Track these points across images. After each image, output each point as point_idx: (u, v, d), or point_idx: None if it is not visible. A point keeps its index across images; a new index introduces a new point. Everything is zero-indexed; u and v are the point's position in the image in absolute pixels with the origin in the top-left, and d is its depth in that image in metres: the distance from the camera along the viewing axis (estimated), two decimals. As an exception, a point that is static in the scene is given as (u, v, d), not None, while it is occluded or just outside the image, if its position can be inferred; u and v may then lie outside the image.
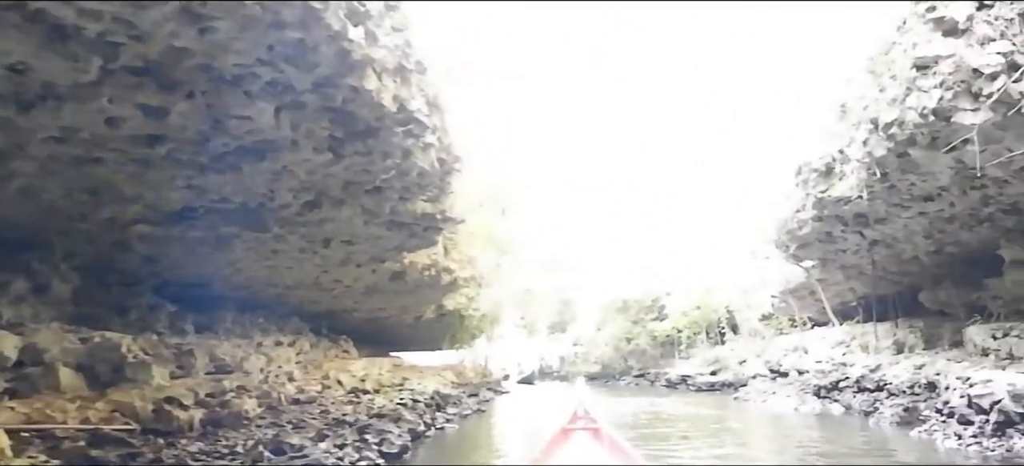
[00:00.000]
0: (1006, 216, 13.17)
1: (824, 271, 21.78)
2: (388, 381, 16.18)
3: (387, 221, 13.88)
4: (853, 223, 15.60)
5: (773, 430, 15.15)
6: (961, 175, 11.39)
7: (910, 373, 14.52)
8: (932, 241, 15.59)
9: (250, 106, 7.99)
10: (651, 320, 35.86)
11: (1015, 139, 9.61)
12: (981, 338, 13.86)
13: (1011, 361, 12.47)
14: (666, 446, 12.72)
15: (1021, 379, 10.18)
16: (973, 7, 9.48)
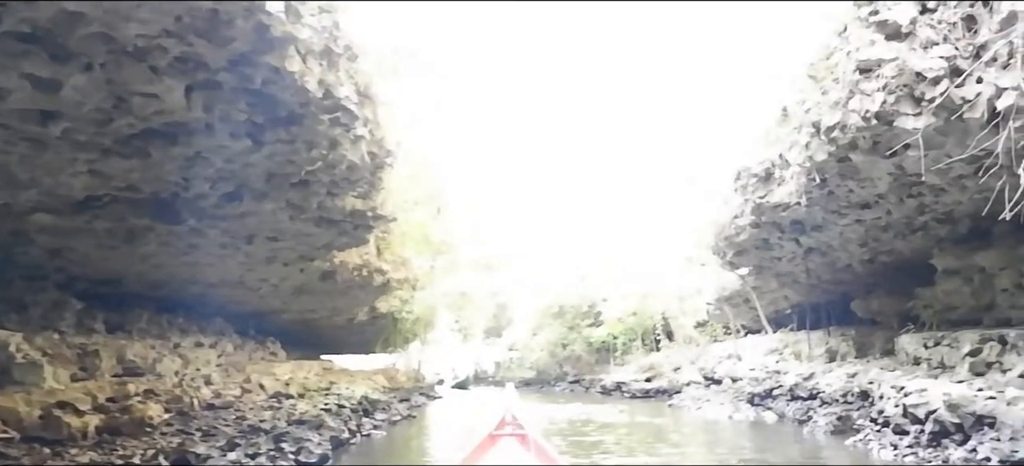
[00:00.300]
0: (940, 225, 13.19)
1: (759, 279, 21.81)
2: (314, 385, 15.44)
3: (315, 217, 13.18)
4: (790, 230, 15.50)
5: (708, 437, 14.94)
6: (899, 182, 11.29)
7: (843, 381, 14.47)
8: (867, 249, 15.62)
9: (156, 82, 7.27)
10: (587, 326, 35.64)
11: (955, 145, 9.49)
12: (913, 347, 13.87)
13: (943, 370, 12.46)
14: (600, 455, 12.33)
15: (956, 389, 10.08)
16: (916, 10, 9.33)
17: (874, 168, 10.70)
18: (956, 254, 13.35)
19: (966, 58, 8.95)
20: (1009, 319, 12.22)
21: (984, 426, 9.17)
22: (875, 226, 13.84)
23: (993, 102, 8.59)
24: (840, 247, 15.86)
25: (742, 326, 26.55)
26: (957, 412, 9.48)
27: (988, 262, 12.60)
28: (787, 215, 14.21)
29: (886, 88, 9.43)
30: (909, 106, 9.40)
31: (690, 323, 28.88)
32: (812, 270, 18.06)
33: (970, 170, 10.34)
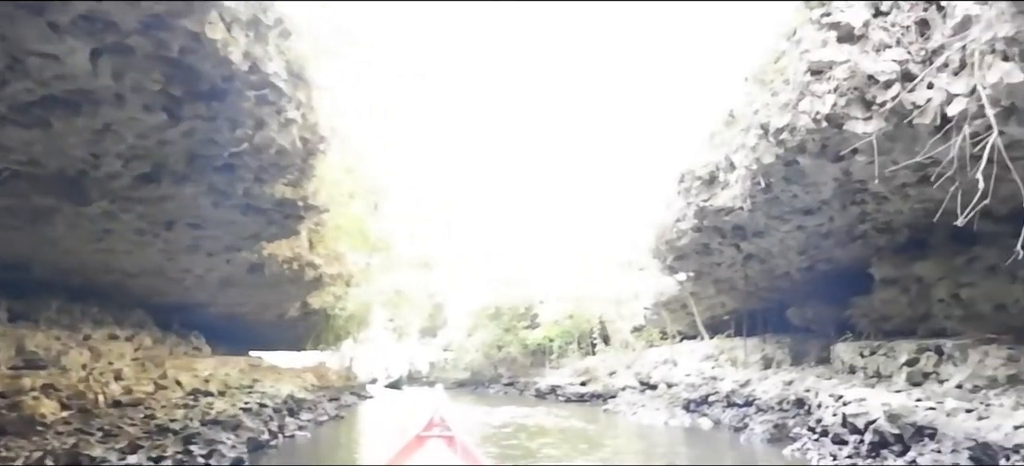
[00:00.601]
0: (879, 234, 13.15)
1: (697, 284, 21.71)
2: (237, 382, 14.59)
3: (241, 204, 12.41)
4: (731, 235, 15.33)
5: (643, 443, 14.64)
6: (843, 188, 11.14)
7: (779, 389, 14.32)
8: (806, 257, 15.55)
9: (58, 43, 6.51)
10: (523, 328, 35.21)
11: (902, 152, 9.32)
12: (849, 355, 13.82)
13: (879, 379, 12.39)
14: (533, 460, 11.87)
15: (895, 399, 9.94)
16: (869, 12, 9.14)
17: (821, 172, 10.49)
18: (894, 264, 13.32)
19: (918, 63, 8.79)
20: (944, 329, 12.21)
21: (924, 437, 9.01)
22: (816, 233, 13.73)
23: (943, 108, 8.43)
24: (780, 254, 15.76)
25: (678, 332, 26.48)
26: (897, 423, 9.30)
27: (925, 272, 12.58)
28: (730, 219, 14.01)
29: (837, 90, 9.22)
30: (859, 109, 9.20)
31: (627, 328, 28.70)
32: (750, 277, 17.98)
33: (914, 178, 10.24)
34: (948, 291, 11.88)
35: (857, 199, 11.49)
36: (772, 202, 12.69)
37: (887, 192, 10.83)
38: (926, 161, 9.53)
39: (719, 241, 16.00)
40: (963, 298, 11.66)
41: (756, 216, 13.52)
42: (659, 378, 22.55)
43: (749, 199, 12.45)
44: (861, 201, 11.57)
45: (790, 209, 12.79)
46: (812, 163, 10.22)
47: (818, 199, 11.92)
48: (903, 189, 10.68)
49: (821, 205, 12.15)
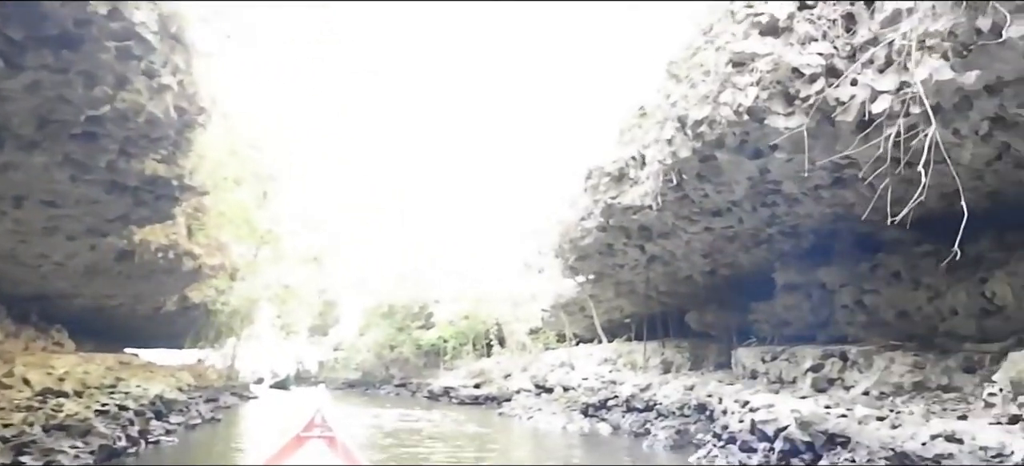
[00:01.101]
0: (785, 239, 12.94)
1: (597, 286, 21.30)
2: (98, 381, 12.98)
3: (105, 181, 10.97)
4: (636, 236, 14.88)
5: (540, 451, 13.96)
6: (756, 189, 10.77)
7: (681, 394, 13.94)
8: (709, 260, 15.28)
9: None
10: (417, 328, 34.16)
11: (822, 150, 8.95)
12: (750, 360, 13.55)
13: (781, 384, 12.13)
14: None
15: (804, 405, 9.57)
16: (795, 5, 8.74)
17: (737, 170, 10.06)
18: (798, 269, 13.15)
19: (843, 58, 8.44)
20: (846, 336, 12.07)
21: (836, 445, 8.64)
22: (723, 236, 13.42)
23: (868, 106, 8.08)
24: (684, 257, 15.43)
25: (575, 335, 26.10)
26: (808, 430, 8.92)
27: (829, 278, 12.43)
28: (637, 219, 13.51)
29: (759, 83, 8.77)
30: (782, 104, 8.79)
31: (523, 329, 28.11)
32: (652, 280, 17.65)
33: (829, 179, 9.95)
34: (852, 297, 11.74)
35: (768, 201, 11.16)
36: (682, 201, 12.25)
37: (800, 193, 10.52)
38: (843, 161, 9.26)
39: (624, 242, 15.54)
40: (867, 304, 11.53)
41: (664, 216, 13.08)
42: (555, 381, 22.00)
43: (659, 197, 11.95)
44: (772, 203, 11.25)
45: (700, 210, 12.40)
46: (729, 159, 9.76)
47: (729, 199, 11.54)
48: (816, 191, 10.39)
49: (731, 206, 11.79)
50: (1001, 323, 9.52)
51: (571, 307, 23.97)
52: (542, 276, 28.04)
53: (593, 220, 15.28)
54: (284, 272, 30.93)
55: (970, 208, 10.53)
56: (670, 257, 15.81)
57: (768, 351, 13.24)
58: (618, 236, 15.38)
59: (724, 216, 12.33)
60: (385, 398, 31.85)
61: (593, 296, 22.02)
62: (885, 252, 11.38)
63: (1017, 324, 9.26)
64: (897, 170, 9.00)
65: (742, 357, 13.81)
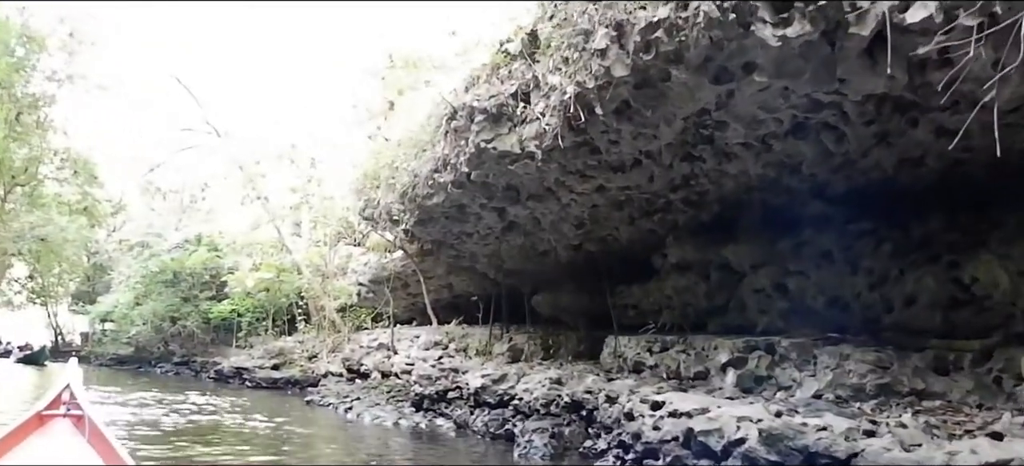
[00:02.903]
0: (685, 208, 10.60)
1: (430, 260, 18.21)
2: None
3: None
4: (500, 196, 11.96)
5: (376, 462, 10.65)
6: (688, 134, 8.26)
7: (545, 388, 11.20)
8: (581, 232, 12.69)
9: None
10: (206, 299, 29.06)
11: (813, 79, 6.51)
12: (633, 351, 11.11)
13: (680, 380, 9.76)
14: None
15: (752, 410, 7.11)
16: None
17: (686, 99, 7.40)
18: (696, 245, 10.86)
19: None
20: (755, 325, 9.92)
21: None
22: (612, 201, 10.86)
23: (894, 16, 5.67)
24: (551, 226, 12.74)
25: (393, 315, 22.79)
26: (777, 446, 6.43)
27: (736, 257, 10.22)
28: (514, 170, 10.56)
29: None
30: (774, 8, 6.21)
31: (334, 306, 24.26)
32: (502, 252, 14.84)
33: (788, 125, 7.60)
34: (770, 280, 9.56)
35: (695, 152, 8.69)
36: (579, 150, 9.49)
37: (743, 142, 8.11)
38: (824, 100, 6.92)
39: (482, 203, 12.57)
40: (789, 289, 9.38)
41: (547, 170, 10.27)
42: (372, 366, 18.69)
43: (557, 137, 9.08)
44: (698, 156, 8.80)
45: (598, 163, 9.71)
46: (685, 80, 7.06)
47: (646, 148, 8.95)
48: (765, 143, 8.02)
49: (644, 158, 9.21)
50: (972, 316, 7.60)
51: (394, 283, 20.62)
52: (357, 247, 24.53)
53: (449, 173, 12.14)
54: (41, 221, 24.77)
55: (913, 183, 8.77)
56: (533, 226, 13.05)
57: (655, 341, 10.85)
58: (476, 195, 12.37)
59: (628, 172, 9.72)
60: (161, 378, 26.69)
61: (423, 270, 18.87)
62: (813, 229, 9.28)
63: (997, 317, 7.37)
64: (907, 113, 6.83)
65: (625, 347, 11.34)
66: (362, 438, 11.99)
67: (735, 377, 8.53)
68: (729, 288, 10.51)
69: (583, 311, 14.65)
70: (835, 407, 7.14)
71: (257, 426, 12.99)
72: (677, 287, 11.07)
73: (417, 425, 12.80)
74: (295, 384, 21.67)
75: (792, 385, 8.02)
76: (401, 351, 18.31)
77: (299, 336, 25.49)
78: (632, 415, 8.48)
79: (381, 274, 20.94)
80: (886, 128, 7.21)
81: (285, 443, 11.35)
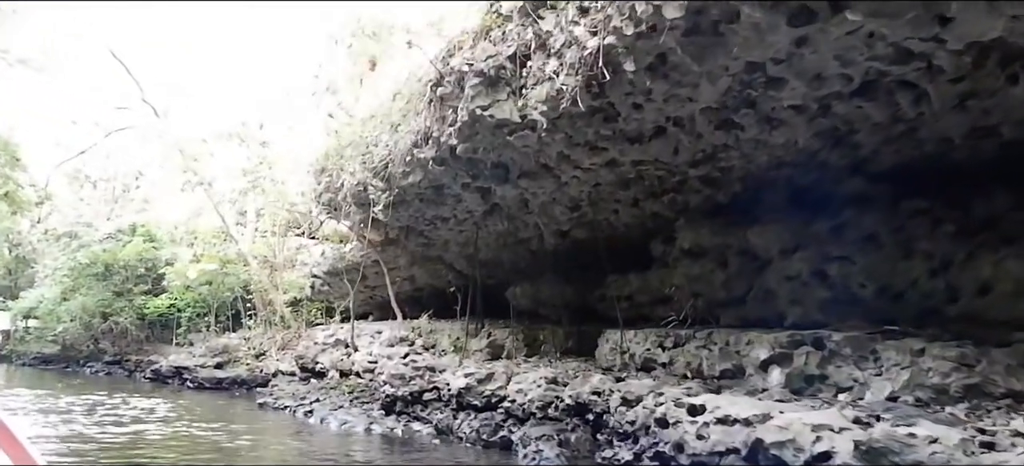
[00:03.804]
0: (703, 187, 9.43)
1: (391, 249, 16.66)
2: None
3: None
4: (487, 175, 10.57)
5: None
6: (734, 93, 7.00)
7: (540, 389, 9.85)
8: (574, 216, 11.41)
9: None
10: (141, 293, 26.68)
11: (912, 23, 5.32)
12: (642, 347, 9.84)
13: (704, 380, 8.53)
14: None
15: (829, 417, 5.89)
16: None
17: (753, 46, 6.12)
18: (713, 228, 9.66)
19: None
20: (782, 316, 8.76)
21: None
22: (619, 179, 9.59)
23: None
24: (540, 209, 11.42)
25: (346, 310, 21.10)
26: (880, 463, 5.22)
27: (762, 241, 9.05)
28: (513, 141, 9.16)
29: None
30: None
31: (283, 300, 22.35)
32: (479, 240, 13.44)
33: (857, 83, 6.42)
34: (809, 266, 8.38)
35: (738, 119, 7.45)
36: (592, 118, 8.18)
37: (799, 104, 6.91)
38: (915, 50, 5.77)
39: (466, 182, 11.15)
40: (830, 276, 8.22)
41: (550, 141, 8.93)
42: (329, 364, 17.04)
43: (571, 100, 7.72)
44: (737, 124, 7.57)
45: (613, 132, 8.40)
46: (756, 22, 5.78)
47: (676, 114, 7.67)
48: (824, 104, 6.84)
49: (671, 126, 7.94)
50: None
51: (352, 274, 18.94)
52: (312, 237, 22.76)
53: (431, 148, 10.67)
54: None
55: (971, 157, 7.74)
56: (519, 209, 11.71)
57: (667, 335, 9.60)
58: (459, 174, 10.95)
59: (647, 144, 8.45)
60: (90, 379, 24.30)
61: (384, 261, 17.30)
62: (854, 209, 8.16)
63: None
64: (1009, 67, 5.71)
65: (631, 342, 10.06)
66: (331, 447, 10.42)
67: (783, 376, 7.31)
68: (749, 276, 9.34)
69: (566, 304, 13.36)
70: (923, 411, 5.99)
71: (206, 434, 11.28)
72: (690, 275, 9.85)
73: (392, 430, 11.28)
74: (242, 384, 19.78)
75: (853, 385, 6.85)
76: (362, 348, 16.69)
77: (244, 332, 23.47)
78: (665, 421, 7.19)
79: (338, 265, 19.25)
80: (976, 86, 6.12)
81: (242, 455, 9.72)
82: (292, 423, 12.83)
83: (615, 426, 8.39)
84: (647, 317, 10.98)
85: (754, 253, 9.18)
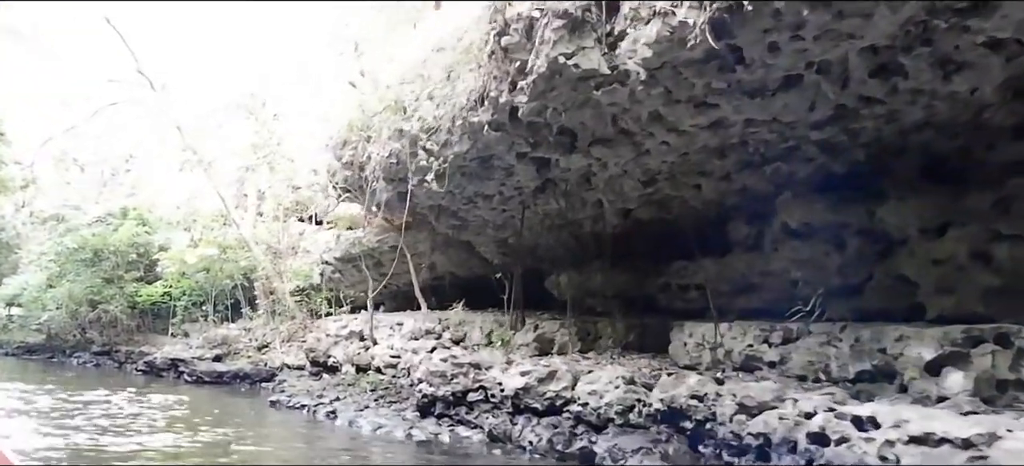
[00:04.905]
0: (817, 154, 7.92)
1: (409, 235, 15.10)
2: None
3: None
4: (553, 141, 9.02)
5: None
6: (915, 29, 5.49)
7: (619, 391, 8.31)
8: (646, 193, 9.90)
9: None
10: (133, 280, 24.86)
11: None
12: (742, 343, 8.33)
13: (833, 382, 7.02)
14: None
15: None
16: None
17: None
18: (829, 203, 8.16)
19: None
20: (921, 308, 7.27)
21: None
22: (721, 144, 8.08)
23: None
24: (607, 184, 9.89)
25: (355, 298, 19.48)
26: None
27: (896, 217, 7.55)
28: (600, 96, 7.61)
29: None
30: None
31: (288, 288, 20.65)
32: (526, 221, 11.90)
33: None
34: (968, 247, 6.88)
35: (907, 60, 5.93)
36: (706, 64, 6.65)
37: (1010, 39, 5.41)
38: None
39: (523, 151, 9.60)
40: (997, 258, 6.72)
41: (645, 97, 7.40)
42: (344, 358, 15.45)
43: (692, 42, 6.19)
44: (900, 68, 6.05)
45: (728, 84, 6.88)
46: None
47: (826, 56, 6.15)
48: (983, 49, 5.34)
49: (813, 74, 6.42)
50: None
51: (366, 261, 17.32)
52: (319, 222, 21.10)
53: (486, 111, 9.09)
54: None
55: None
56: (579, 183, 10.18)
57: (771, 329, 8.10)
58: (516, 142, 9.38)
59: (770, 98, 6.93)
60: (79, 371, 22.50)
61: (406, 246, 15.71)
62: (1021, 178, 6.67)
63: None
64: None
65: (728, 339, 8.55)
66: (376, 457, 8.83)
67: (969, 382, 5.81)
68: (871, 260, 7.84)
69: (618, 294, 11.85)
70: None
71: (221, 439, 9.64)
72: (796, 259, 8.33)
73: (436, 436, 9.69)
74: (244, 377, 18.09)
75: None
76: (381, 341, 15.09)
77: (245, 323, 21.75)
78: (824, 436, 5.66)
79: (352, 251, 17.63)
80: None
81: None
82: (316, 426, 11.19)
83: (725, 437, 6.88)
84: (724, 309, 9.45)
85: (881, 233, 7.69)
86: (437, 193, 11.98)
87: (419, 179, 11.36)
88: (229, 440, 9.52)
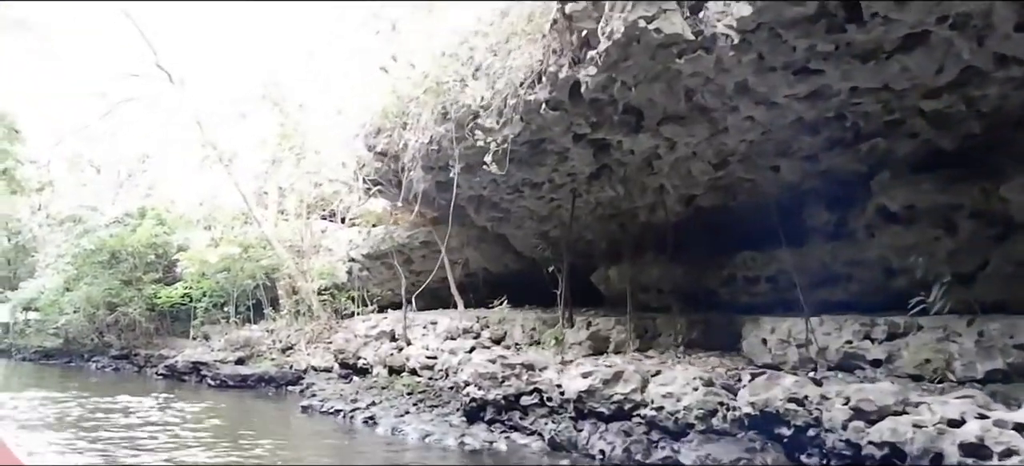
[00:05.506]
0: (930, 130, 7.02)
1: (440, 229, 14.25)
2: None
3: None
4: (616, 123, 8.20)
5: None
6: None
7: (698, 394, 7.47)
8: (716, 176, 9.04)
9: None
10: (152, 281, 24.15)
11: None
12: (838, 339, 7.47)
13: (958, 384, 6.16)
14: None
15: None
16: None
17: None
18: (937, 183, 7.26)
19: None
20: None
21: None
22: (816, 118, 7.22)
23: None
24: (673, 168, 9.05)
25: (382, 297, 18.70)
26: None
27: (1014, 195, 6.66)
28: (682, 66, 6.76)
29: None
30: None
31: (312, 287, 19.86)
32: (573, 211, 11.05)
33: None
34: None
35: None
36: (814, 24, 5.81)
37: None
38: None
39: (582, 132, 8.76)
40: None
41: (734, 65, 6.56)
42: (375, 359, 14.63)
43: None
44: None
45: (837, 46, 6.04)
46: None
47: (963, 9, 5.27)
48: None
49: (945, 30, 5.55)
50: None
51: (396, 257, 16.52)
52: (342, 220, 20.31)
53: (544, 88, 8.26)
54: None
55: None
56: (640, 167, 9.32)
57: (873, 325, 7.23)
58: (575, 122, 8.54)
59: (888, 61, 6.06)
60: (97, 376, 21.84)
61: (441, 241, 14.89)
62: None
63: None
64: None
65: (819, 334, 7.69)
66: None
67: None
68: (985, 247, 6.96)
69: (675, 287, 10.98)
70: None
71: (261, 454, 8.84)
72: (899, 246, 7.45)
73: (491, 445, 8.86)
74: (269, 381, 17.31)
75: None
76: (415, 341, 14.29)
77: (268, 324, 20.99)
78: (984, 448, 4.80)
79: (382, 247, 16.84)
80: None
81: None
82: (357, 435, 10.39)
83: (835, 446, 6.04)
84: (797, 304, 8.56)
85: (1000, 214, 6.80)
86: (475, 182, 11.17)
87: (465, 164, 10.53)
88: (266, 453, 8.73)
